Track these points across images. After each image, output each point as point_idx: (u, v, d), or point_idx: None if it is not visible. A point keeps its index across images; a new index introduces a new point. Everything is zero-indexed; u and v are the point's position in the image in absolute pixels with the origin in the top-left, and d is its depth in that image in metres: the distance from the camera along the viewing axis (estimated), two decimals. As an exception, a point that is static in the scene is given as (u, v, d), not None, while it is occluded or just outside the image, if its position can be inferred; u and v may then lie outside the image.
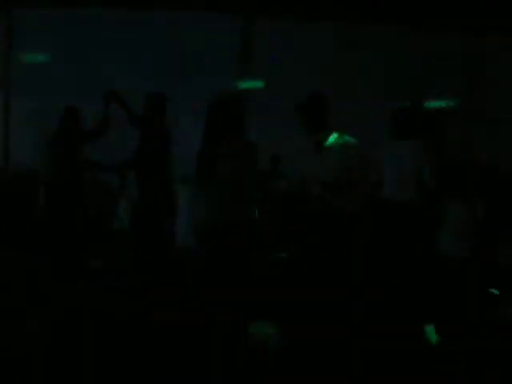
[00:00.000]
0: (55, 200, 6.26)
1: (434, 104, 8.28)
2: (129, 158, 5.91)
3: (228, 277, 3.52)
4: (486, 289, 5.80)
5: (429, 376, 3.65)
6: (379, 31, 8.30)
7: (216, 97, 3.69)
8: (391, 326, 4.25)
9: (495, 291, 5.39)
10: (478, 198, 7.23)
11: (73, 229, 6.21)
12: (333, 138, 4.15)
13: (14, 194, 7.63)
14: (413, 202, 4.88)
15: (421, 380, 3.60)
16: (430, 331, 4.08)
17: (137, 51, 8.14)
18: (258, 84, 8.27)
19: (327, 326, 3.92)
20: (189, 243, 6.80)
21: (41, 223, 6.63)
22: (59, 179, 6.23)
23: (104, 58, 8.12)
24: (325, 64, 8.25)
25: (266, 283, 3.63)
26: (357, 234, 4.12)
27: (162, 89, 6.03)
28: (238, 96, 4.21)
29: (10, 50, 8.33)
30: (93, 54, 8.13)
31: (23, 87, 8.32)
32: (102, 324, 4.34)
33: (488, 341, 4.30)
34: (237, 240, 3.51)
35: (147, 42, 8.17)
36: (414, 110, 5.13)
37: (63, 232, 6.17)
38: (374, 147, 5.04)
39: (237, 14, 8.36)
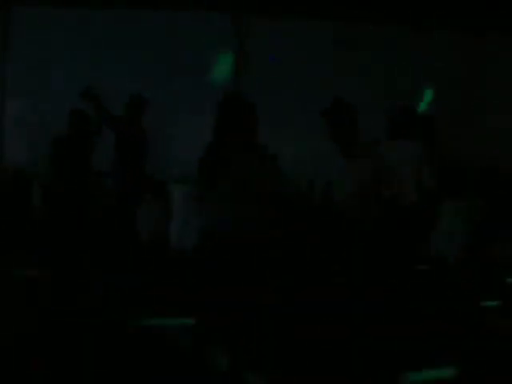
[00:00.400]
0: (55, 200, 6.27)
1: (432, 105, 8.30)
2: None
3: (228, 277, 3.52)
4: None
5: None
6: (379, 31, 8.30)
7: (221, 98, 3.69)
8: (391, 326, 4.25)
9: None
10: (477, 198, 7.25)
11: (72, 229, 6.22)
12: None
13: (11, 194, 7.61)
14: (413, 202, 4.87)
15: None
16: None
17: (136, 51, 8.14)
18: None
19: (327, 326, 3.92)
20: (186, 243, 6.84)
21: (41, 223, 6.63)
22: (59, 180, 6.23)
23: (103, 58, 8.11)
24: (325, 64, 8.25)
25: (266, 283, 3.63)
26: (357, 233, 4.12)
27: (161, 89, 6.05)
28: (238, 95, 4.21)
29: (5, 50, 8.30)
30: (92, 54, 8.12)
31: (19, 87, 8.29)
32: (101, 324, 4.35)
33: (488, 341, 4.30)
34: (239, 241, 3.51)
35: (147, 42, 8.16)
36: (414, 110, 5.13)
37: (63, 232, 6.17)
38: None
39: (237, 14, 8.36)
